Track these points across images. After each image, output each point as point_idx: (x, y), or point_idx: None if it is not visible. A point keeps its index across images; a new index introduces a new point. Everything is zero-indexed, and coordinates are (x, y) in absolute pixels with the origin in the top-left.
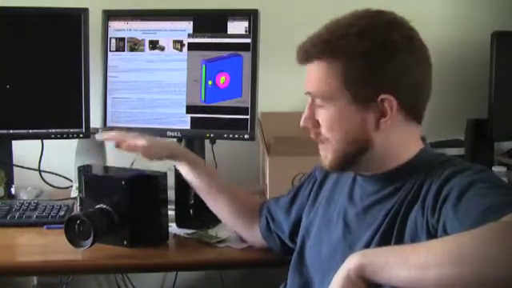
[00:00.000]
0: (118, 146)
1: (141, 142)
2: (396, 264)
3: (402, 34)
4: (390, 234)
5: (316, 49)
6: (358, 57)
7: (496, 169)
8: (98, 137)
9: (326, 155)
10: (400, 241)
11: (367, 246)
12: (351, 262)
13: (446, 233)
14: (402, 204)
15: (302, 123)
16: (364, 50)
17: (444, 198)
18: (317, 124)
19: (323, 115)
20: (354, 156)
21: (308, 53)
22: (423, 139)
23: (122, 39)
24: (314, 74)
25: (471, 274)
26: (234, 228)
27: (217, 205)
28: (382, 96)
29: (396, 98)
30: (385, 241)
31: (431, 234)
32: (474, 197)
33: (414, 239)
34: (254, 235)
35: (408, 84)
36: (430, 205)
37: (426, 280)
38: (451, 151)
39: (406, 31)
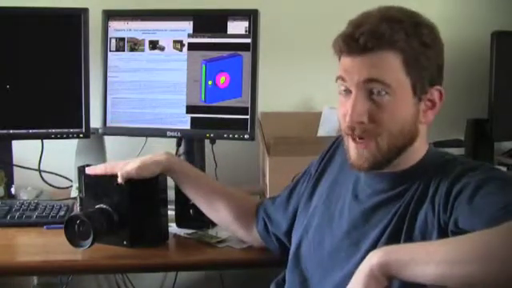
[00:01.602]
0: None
1: (131, 166)
2: (423, 261)
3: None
4: (399, 233)
5: (377, 40)
6: (418, 47)
7: None
8: (88, 171)
9: (369, 153)
10: (410, 239)
11: (375, 244)
12: (374, 259)
13: (457, 228)
14: (409, 203)
15: (356, 118)
16: (422, 41)
17: (456, 194)
18: (369, 117)
19: (385, 105)
20: (401, 149)
21: (367, 44)
22: None
23: (122, 39)
24: (377, 62)
25: (498, 271)
26: (233, 232)
27: (213, 211)
28: (437, 87)
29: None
30: (394, 239)
31: (443, 231)
32: (489, 193)
33: (425, 237)
34: (253, 237)
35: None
36: (442, 202)
37: (453, 276)
38: (451, 151)
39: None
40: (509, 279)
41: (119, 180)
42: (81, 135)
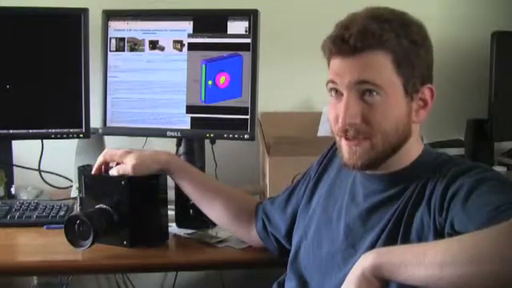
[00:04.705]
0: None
1: (129, 162)
2: (413, 263)
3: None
4: (396, 234)
5: (366, 40)
6: (408, 46)
7: (496, 169)
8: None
9: (362, 151)
10: (406, 241)
11: (372, 246)
12: (366, 261)
13: (453, 230)
14: (406, 205)
15: (349, 119)
16: (412, 40)
17: (451, 196)
18: (362, 118)
19: (377, 105)
20: (395, 148)
21: (357, 44)
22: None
23: (122, 39)
24: (367, 63)
25: (488, 272)
26: (231, 231)
27: (212, 210)
28: (428, 85)
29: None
30: (391, 242)
31: (439, 233)
32: (483, 194)
33: (421, 239)
34: (252, 237)
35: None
36: (437, 204)
37: (443, 278)
38: (451, 151)
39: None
40: (498, 280)
41: (114, 173)
42: (81, 135)
